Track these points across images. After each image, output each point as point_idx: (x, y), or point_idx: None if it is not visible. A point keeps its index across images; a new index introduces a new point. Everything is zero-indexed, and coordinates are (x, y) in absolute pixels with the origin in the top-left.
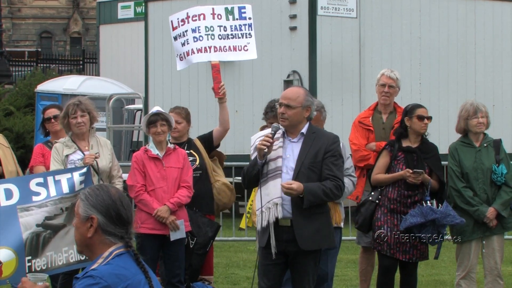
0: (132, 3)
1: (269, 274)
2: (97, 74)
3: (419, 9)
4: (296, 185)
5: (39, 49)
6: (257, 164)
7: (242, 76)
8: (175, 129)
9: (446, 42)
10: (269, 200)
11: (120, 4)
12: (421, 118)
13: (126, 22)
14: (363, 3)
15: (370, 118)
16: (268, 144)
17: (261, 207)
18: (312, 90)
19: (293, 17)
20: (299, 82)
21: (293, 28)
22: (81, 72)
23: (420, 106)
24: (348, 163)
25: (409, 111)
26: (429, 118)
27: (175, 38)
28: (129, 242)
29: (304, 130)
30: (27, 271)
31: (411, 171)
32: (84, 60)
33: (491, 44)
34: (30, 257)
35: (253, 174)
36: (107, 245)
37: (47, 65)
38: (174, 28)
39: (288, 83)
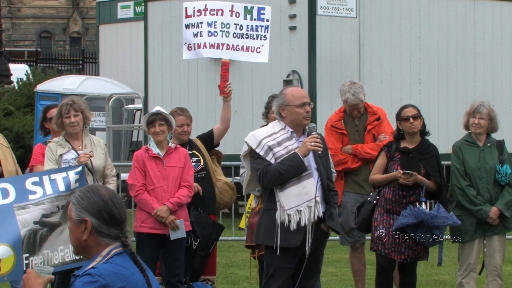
0: (131, 3)
1: (283, 276)
2: (97, 74)
3: (418, 9)
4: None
5: (39, 49)
6: (302, 164)
7: (241, 76)
8: (186, 132)
9: (445, 42)
10: (309, 199)
11: (119, 4)
12: (405, 119)
13: (125, 22)
14: (363, 3)
15: (342, 121)
16: (322, 145)
17: (296, 206)
18: (312, 90)
19: (293, 17)
20: (299, 82)
21: (292, 28)
22: (80, 72)
23: (405, 106)
24: None
25: (398, 114)
26: (415, 117)
27: (187, 26)
28: (125, 241)
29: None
30: (24, 269)
31: (401, 172)
32: (84, 60)
33: (491, 44)
34: (27, 255)
35: (297, 174)
36: (102, 247)
37: (47, 65)
38: (187, 16)
39: (287, 83)
